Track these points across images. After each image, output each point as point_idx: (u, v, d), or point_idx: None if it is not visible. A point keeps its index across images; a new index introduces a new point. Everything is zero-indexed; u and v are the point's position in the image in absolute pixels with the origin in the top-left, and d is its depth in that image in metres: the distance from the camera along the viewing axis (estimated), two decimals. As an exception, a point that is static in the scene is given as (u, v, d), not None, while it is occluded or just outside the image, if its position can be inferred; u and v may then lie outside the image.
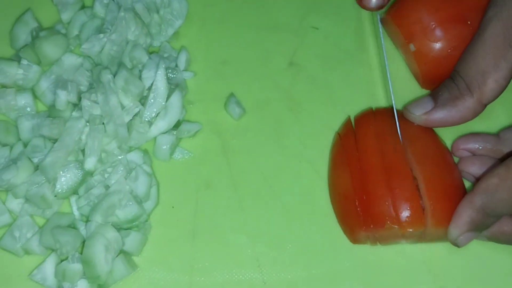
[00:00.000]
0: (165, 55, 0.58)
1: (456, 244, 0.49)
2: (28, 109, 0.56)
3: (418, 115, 0.52)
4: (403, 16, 0.56)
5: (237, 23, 0.61)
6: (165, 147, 0.54)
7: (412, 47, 0.54)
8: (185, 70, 0.58)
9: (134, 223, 0.52)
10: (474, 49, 0.50)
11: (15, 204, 0.52)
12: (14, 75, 0.56)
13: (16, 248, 0.51)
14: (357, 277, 0.51)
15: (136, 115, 0.54)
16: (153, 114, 0.54)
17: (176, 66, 0.57)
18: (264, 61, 0.60)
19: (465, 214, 0.48)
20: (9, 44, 0.59)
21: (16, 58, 0.57)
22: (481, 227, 0.48)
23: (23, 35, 0.58)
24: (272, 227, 0.53)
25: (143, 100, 0.54)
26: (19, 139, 0.54)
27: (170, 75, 0.56)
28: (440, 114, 0.51)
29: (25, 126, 0.54)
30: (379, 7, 0.53)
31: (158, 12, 0.59)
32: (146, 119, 0.53)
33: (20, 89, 0.56)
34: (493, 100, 0.50)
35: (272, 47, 0.60)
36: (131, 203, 0.51)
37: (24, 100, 0.56)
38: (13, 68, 0.56)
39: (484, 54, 0.49)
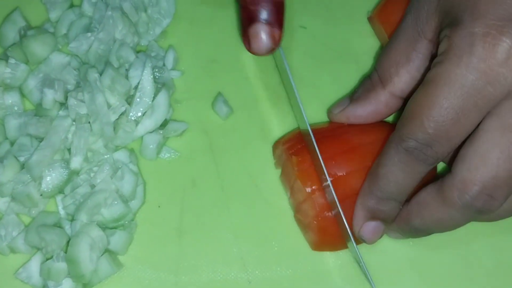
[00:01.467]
0: (153, 54, 0.58)
1: (362, 239, 0.49)
2: (15, 107, 0.56)
3: (335, 113, 0.53)
4: (387, 15, 0.56)
5: (225, 22, 0.61)
6: (151, 146, 0.54)
7: None
8: (173, 69, 0.58)
9: (119, 222, 0.52)
10: (388, 44, 0.51)
11: (1, 202, 0.52)
12: (2, 73, 0.56)
13: (2, 247, 0.51)
14: (342, 276, 0.52)
15: (122, 114, 0.54)
16: (139, 113, 0.54)
17: (164, 65, 0.57)
18: (252, 60, 0.59)
19: (360, 202, 0.48)
20: (-3, 42, 0.59)
21: (4, 57, 0.57)
22: (381, 215, 0.48)
23: (11, 34, 0.58)
24: (258, 226, 0.53)
25: (129, 99, 0.54)
26: (6, 138, 0.54)
27: (157, 74, 0.56)
28: (353, 108, 0.52)
29: (12, 124, 0.54)
30: (270, 51, 0.49)
31: (145, 11, 0.59)
32: (133, 118, 0.53)
33: (7, 87, 0.56)
34: (408, 92, 0.50)
35: (260, 46, 0.60)
36: (116, 202, 0.51)
37: (11, 98, 0.55)
38: (1, 66, 0.56)
39: (396, 47, 0.50)
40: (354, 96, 0.52)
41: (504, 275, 0.52)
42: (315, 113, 0.57)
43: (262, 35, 0.47)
